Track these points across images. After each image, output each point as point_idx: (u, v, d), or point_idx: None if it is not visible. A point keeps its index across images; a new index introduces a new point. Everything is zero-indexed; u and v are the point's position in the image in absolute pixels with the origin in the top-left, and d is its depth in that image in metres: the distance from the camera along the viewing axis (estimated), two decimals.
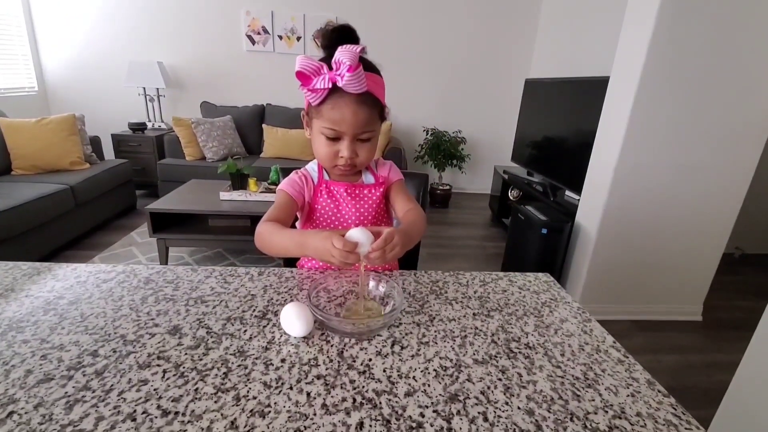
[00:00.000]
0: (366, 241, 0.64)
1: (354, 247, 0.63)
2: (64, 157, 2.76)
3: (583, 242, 2.11)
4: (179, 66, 3.79)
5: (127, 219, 3.12)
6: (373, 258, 0.65)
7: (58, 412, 0.47)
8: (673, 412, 0.52)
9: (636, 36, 1.77)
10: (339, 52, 0.68)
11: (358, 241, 0.64)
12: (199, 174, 3.11)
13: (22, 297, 0.71)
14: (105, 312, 0.67)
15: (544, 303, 0.78)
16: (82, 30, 3.59)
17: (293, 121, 3.60)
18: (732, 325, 2.16)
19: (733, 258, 3.00)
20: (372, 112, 0.76)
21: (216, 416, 0.47)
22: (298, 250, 0.73)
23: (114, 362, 0.55)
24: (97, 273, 0.80)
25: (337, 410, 0.49)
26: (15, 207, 2.13)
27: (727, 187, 1.94)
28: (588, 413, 0.51)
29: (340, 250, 0.62)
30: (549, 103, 2.92)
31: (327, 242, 0.64)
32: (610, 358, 0.62)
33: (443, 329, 0.67)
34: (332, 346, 0.61)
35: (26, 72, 3.56)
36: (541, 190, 2.81)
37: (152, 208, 2.16)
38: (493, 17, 3.83)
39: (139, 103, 3.78)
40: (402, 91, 3.95)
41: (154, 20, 3.62)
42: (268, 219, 0.80)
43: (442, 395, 0.52)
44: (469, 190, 4.39)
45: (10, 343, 0.58)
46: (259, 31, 3.72)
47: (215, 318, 0.67)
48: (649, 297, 2.13)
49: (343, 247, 0.62)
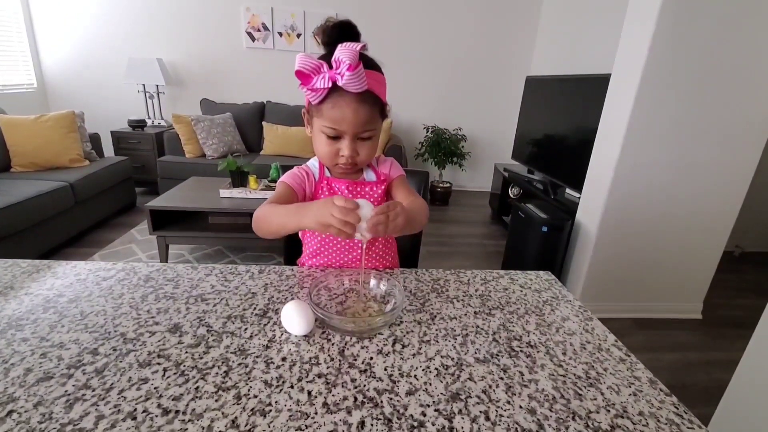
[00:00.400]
0: (369, 210, 0.63)
1: (355, 207, 0.62)
2: (63, 155, 2.75)
3: (583, 240, 2.11)
4: (179, 63, 3.77)
5: (126, 216, 3.12)
6: (374, 224, 0.62)
7: (58, 410, 0.46)
8: (675, 411, 0.52)
9: (637, 34, 1.76)
10: (339, 50, 0.67)
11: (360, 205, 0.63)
12: (199, 171, 3.10)
13: (21, 295, 0.70)
14: (105, 310, 0.67)
15: (545, 301, 0.78)
16: (81, 26, 3.57)
17: (293, 119, 3.59)
18: (732, 323, 2.16)
19: (733, 256, 3.00)
20: (373, 111, 0.76)
21: (217, 415, 0.47)
22: (296, 220, 0.70)
23: (114, 360, 0.55)
24: (96, 271, 0.80)
25: (339, 409, 0.49)
26: (14, 204, 2.12)
27: (727, 186, 1.94)
28: (590, 412, 0.51)
29: (341, 207, 0.60)
30: (550, 100, 2.91)
31: (327, 202, 0.62)
32: (611, 357, 0.62)
33: (444, 328, 0.67)
34: (333, 344, 0.61)
35: (25, 69, 3.55)
36: (542, 188, 2.80)
37: (152, 205, 2.16)
38: (494, 14, 3.82)
39: (139, 100, 3.77)
40: (402, 88, 3.94)
41: (154, 17, 3.61)
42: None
43: (443, 394, 0.52)
44: (470, 188, 4.39)
45: (10, 341, 0.58)
46: (258, 28, 3.71)
47: (216, 316, 0.67)
48: (650, 295, 2.13)
49: (345, 204, 0.61)
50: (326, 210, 0.62)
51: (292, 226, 0.72)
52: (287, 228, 0.74)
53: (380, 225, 0.63)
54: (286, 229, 0.74)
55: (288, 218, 0.71)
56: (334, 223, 0.61)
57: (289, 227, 0.73)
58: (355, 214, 0.61)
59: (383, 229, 0.63)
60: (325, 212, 0.62)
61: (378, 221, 0.62)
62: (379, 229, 0.63)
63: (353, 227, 0.62)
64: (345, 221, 0.61)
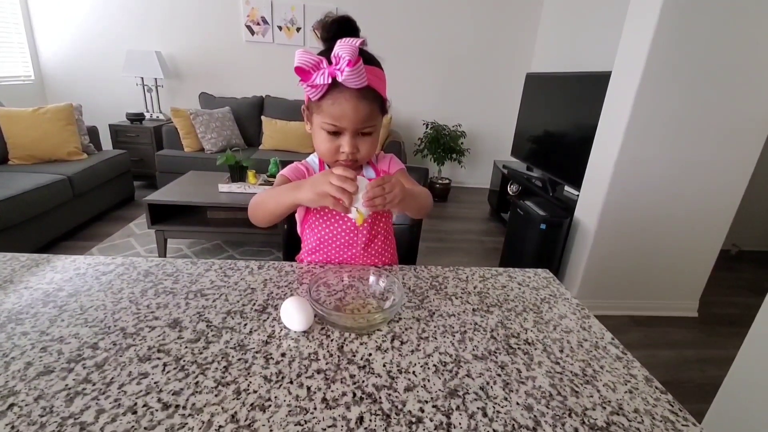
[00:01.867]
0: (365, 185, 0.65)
1: (354, 176, 0.64)
2: (61, 147, 2.74)
3: (581, 238, 2.12)
4: (178, 56, 3.75)
5: (125, 210, 3.11)
6: (371, 196, 0.65)
7: (59, 404, 0.47)
8: (670, 408, 0.53)
9: (639, 31, 1.76)
10: (338, 46, 0.67)
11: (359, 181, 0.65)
12: (198, 165, 3.09)
13: (21, 289, 0.71)
14: (105, 304, 0.67)
15: (543, 299, 0.78)
16: (79, 18, 3.54)
17: (292, 113, 3.58)
18: (727, 321, 2.18)
19: (730, 254, 3.01)
20: (373, 107, 0.76)
21: (216, 410, 0.47)
22: (292, 195, 0.71)
23: (114, 355, 0.55)
24: (96, 265, 0.80)
25: (337, 404, 0.49)
26: (12, 197, 2.11)
27: (726, 184, 1.95)
28: (586, 409, 0.51)
29: (340, 174, 0.63)
30: (550, 97, 2.91)
31: (326, 172, 0.65)
32: (608, 354, 0.63)
33: (443, 324, 0.67)
34: (332, 340, 0.61)
35: (22, 60, 3.52)
36: (541, 185, 2.81)
37: (150, 199, 2.16)
38: (494, 11, 3.80)
39: (137, 93, 3.75)
40: (402, 84, 3.93)
41: (152, 9, 3.58)
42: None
43: (441, 390, 0.53)
44: (469, 185, 4.39)
45: (10, 335, 0.58)
46: (258, 22, 3.68)
47: (215, 311, 0.67)
48: (646, 293, 2.14)
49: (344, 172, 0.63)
50: (324, 179, 0.64)
51: (287, 202, 0.73)
52: (283, 205, 0.74)
53: (377, 198, 0.65)
54: (281, 207, 0.75)
55: (284, 195, 0.72)
56: (331, 191, 0.63)
57: (285, 204, 0.74)
58: (353, 183, 0.63)
59: (381, 201, 0.65)
60: (323, 181, 0.64)
61: (375, 193, 0.64)
62: (376, 201, 0.65)
63: (350, 197, 0.64)
64: (342, 189, 0.63)
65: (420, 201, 0.81)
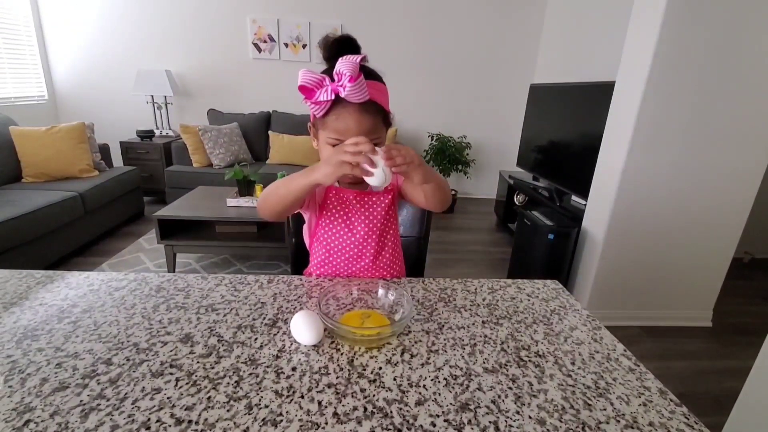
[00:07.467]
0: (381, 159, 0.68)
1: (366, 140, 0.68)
2: (73, 165, 2.79)
3: (590, 247, 2.10)
4: (186, 74, 3.83)
5: (135, 226, 3.15)
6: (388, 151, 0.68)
7: (74, 420, 0.47)
8: (685, 421, 0.52)
9: (642, 40, 1.77)
10: (339, 63, 0.69)
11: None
12: (206, 181, 3.14)
13: (36, 305, 0.72)
14: (118, 320, 0.68)
15: (553, 310, 0.78)
16: (91, 39, 3.65)
17: (299, 128, 3.62)
18: (742, 330, 2.13)
19: (743, 262, 2.96)
20: (376, 120, 0.77)
21: (229, 425, 0.47)
22: (305, 177, 0.73)
23: (127, 370, 0.56)
24: (109, 281, 0.81)
25: (349, 419, 0.49)
26: (25, 214, 2.15)
27: (735, 192, 1.93)
28: (600, 423, 0.51)
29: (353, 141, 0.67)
30: (554, 108, 2.92)
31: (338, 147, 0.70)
32: (621, 366, 0.62)
33: (452, 337, 0.67)
34: (342, 354, 0.61)
35: (36, 81, 3.62)
36: (547, 195, 2.80)
37: (160, 214, 2.19)
38: (497, 23, 3.85)
39: (147, 111, 3.83)
40: (407, 96, 3.97)
41: (162, 29, 3.68)
42: None
43: (452, 404, 0.52)
44: (475, 195, 4.39)
45: (26, 352, 0.59)
46: (265, 39, 3.76)
47: (226, 326, 0.67)
48: (658, 303, 2.11)
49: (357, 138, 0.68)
50: (338, 149, 0.68)
51: (300, 186, 0.74)
52: (297, 187, 0.75)
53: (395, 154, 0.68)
54: (294, 192, 0.75)
55: (296, 180, 0.74)
56: (346, 157, 0.66)
57: (298, 187, 0.74)
58: (369, 144, 0.67)
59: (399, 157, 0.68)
60: (336, 151, 0.68)
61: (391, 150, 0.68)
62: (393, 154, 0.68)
63: (367, 157, 0.66)
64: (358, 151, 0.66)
65: (439, 179, 0.81)
